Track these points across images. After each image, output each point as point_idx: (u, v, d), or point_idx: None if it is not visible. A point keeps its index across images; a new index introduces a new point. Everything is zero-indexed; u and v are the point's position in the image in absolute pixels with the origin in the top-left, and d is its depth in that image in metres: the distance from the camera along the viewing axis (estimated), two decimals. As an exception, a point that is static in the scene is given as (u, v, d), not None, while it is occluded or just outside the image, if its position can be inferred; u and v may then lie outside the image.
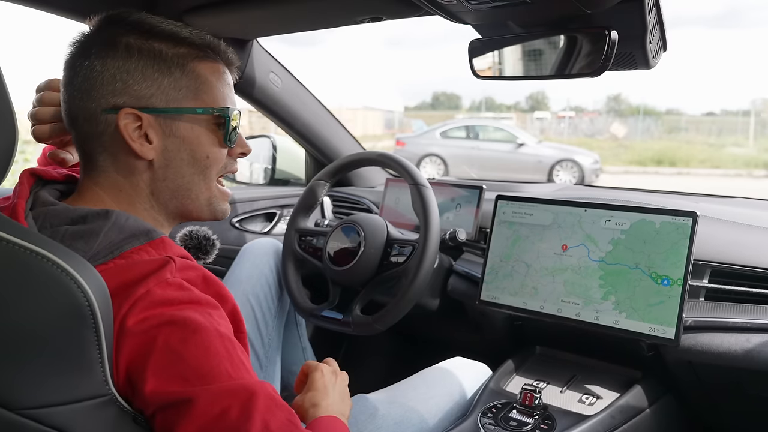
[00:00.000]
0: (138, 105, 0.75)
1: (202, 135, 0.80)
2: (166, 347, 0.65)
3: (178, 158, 0.79)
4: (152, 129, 0.77)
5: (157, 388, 0.64)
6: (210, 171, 0.82)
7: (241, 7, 1.28)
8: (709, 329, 1.09)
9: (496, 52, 1.17)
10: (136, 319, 0.65)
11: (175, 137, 0.78)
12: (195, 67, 0.79)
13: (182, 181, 0.80)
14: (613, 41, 0.95)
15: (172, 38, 0.78)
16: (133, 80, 0.75)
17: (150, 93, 0.76)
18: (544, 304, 1.22)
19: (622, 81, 53.26)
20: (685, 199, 1.54)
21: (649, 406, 1.15)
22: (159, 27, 0.78)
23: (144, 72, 0.75)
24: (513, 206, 1.31)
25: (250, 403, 0.65)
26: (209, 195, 0.83)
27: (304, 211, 1.50)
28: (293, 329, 1.55)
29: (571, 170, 10.51)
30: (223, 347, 0.67)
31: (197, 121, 0.79)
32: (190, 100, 0.78)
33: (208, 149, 0.81)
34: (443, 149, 11.35)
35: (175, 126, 0.78)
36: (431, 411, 1.12)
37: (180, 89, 0.77)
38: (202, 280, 0.74)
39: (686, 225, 1.09)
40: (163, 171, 0.79)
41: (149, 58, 0.76)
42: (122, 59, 0.75)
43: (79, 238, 0.68)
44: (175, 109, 0.77)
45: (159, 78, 0.76)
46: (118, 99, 0.75)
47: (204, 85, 0.79)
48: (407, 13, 1.23)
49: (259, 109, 1.76)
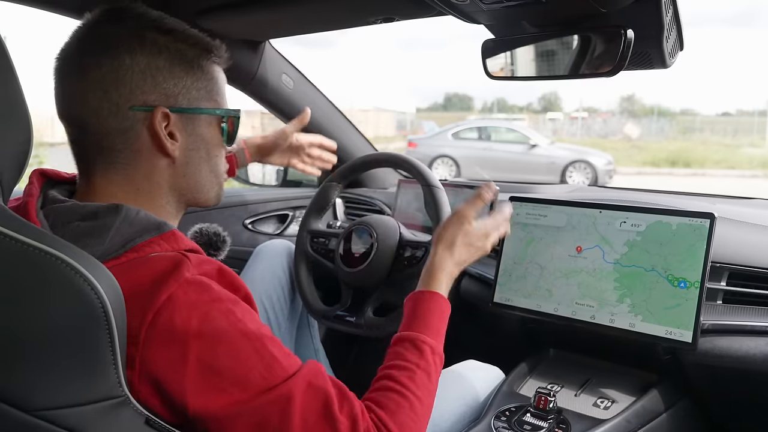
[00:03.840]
0: (167, 104, 0.76)
1: (215, 134, 0.83)
2: (200, 363, 0.66)
3: (197, 156, 0.81)
4: (177, 128, 0.78)
5: (199, 407, 0.67)
6: (218, 168, 0.86)
7: (254, 8, 1.28)
8: (727, 332, 1.07)
9: (510, 52, 1.16)
10: (162, 327, 0.65)
11: (196, 136, 0.80)
12: (210, 68, 0.81)
13: (199, 177, 0.83)
14: (629, 40, 0.94)
15: (189, 38, 0.79)
16: (162, 78, 0.75)
17: (177, 92, 0.77)
18: (558, 306, 1.21)
19: (635, 81, 52.94)
20: (702, 200, 1.52)
21: (666, 410, 1.13)
22: (176, 26, 0.78)
23: (171, 70, 0.76)
24: (527, 207, 1.30)
25: (288, 407, 0.69)
26: (218, 188, 0.87)
27: (316, 213, 1.50)
28: (305, 331, 1.55)
29: (584, 171, 10.44)
30: (251, 348, 0.69)
31: (212, 121, 0.82)
32: (206, 100, 0.81)
33: (218, 148, 0.84)
34: (455, 150, 11.33)
35: (196, 125, 0.80)
36: (444, 414, 1.11)
37: (199, 89, 0.79)
38: (218, 272, 0.74)
39: (704, 226, 1.08)
40: (184, 168, 0.80)
41: (175, 57, 0.76)
42: (151, 55, 0.75)
43: (90, 234, 0.68)
44: (199, 109, 0.80)
45: (184, 77, 0.77)
46: (149, 96, 0.75)
47: (216, 86, 0.82)
48: (420, 14, 1.23)
49: (271, 110, 1.76)
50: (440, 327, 0.94)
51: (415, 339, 0.88)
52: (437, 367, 0.89)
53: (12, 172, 0.64)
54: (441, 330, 0.94)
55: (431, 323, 0.92)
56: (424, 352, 0.87)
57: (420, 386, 0.83)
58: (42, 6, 1.25)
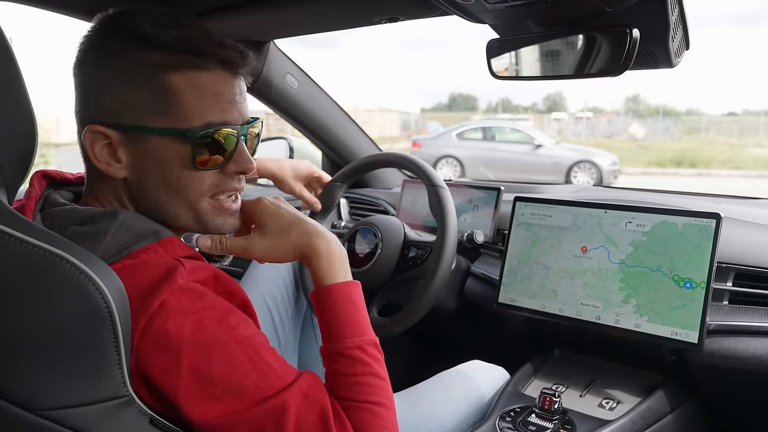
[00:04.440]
0: (107, 121, 0.72)
1: (171, 158, 0.73)
2: (193, 371, 0.66)
3: (150, 179, 0.74)
4: (122, 147, 0.73)
5: (193, 415, 0.67)
6: (186, 192, 0.75)
7: (258, 8, 1.28)
8: (733, 333, 1.07)
9: (514, 52, 1.16)
10: (155, 334, 0.65)
11: (142, 157, 0.73)
12: (166, 80, 0.71)
13: (157, 201, 0.76)
14: (634, 40, 0.93)
15: (141, 43, 0.71)
16: (101, 94, 0.72)
17: (116, 108, 0.72)
18: (563, 306, 1.20)
19: (640, 81, 52.81)
20: (708, 200, 1.51)
21: (672, 411, 1.13)
22: (134, 27, 0.71)
23: (112, 86, 0.72)
24: (532, 208, 1.29)
25: (282, 418, 0.68)
26: (195, 215, 0.78)
27: (320, 213, 1.50)
28: (310, 331, 1.55)
29: (589, 171, 10.42)
30: (245, 356, 0.69)
31: (164, 142, 0.73)
32: (158, 117, 0.72)
33: (178, 173, 0.74)
34: (460, 151, 11.32)
35: (144, 145, 0.73)
36: (449, 414, 1.11)
37: (148, 105, 0.71)
38: (214, 279, 0.73)
39: (710, 227, 1.07)
40: (137, 189, 0.76)
41: (116, 70, 0.71)
42: (96, 71, 0.73)
43: (86, 239, 0.68)
44: (139, 128, 0.72)
45: (124, 92, 0.71)
46: (92, 113, 0.74)
47: (175, 100, 0.71)
48: (425, 14, 1.22)
49: (275, 110, 1.76)
50: (357, 317, 0.81)
51: (339, 350, 0.79)
52: (377, 359, 0.80)
53: (16, 172, 0.64)
54: (360, 319, 0.82)
55: (347, 321, 0.81)
56: (357, 357, 0.78)
57: (371, 392, 0.77)
58: (50, 7, 1.25)
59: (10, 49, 0.63)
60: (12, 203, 0.66)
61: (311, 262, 0.83)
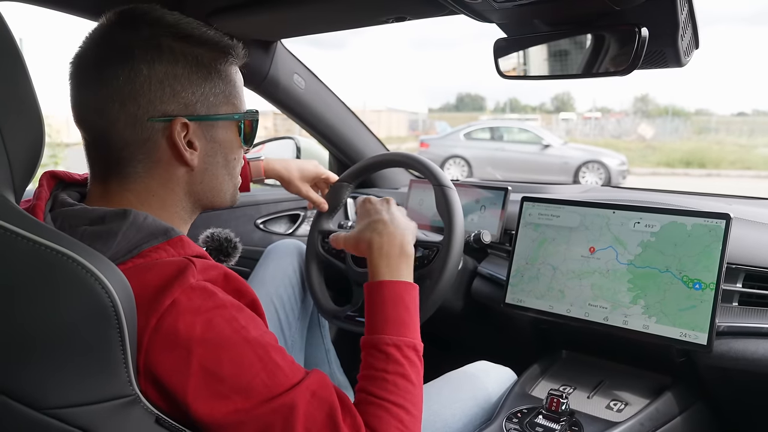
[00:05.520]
0: (186, 113, 0.75)
1: (233, 138, 0.82)
2: (202, 369, 0.66)
3: (214, 162, 0.80)
4: (196, 136, 0.77)
5: (201, 413, 0.67)
6: (236, 171, 0.85)
7: (266, 8, 1.28)
8: (743, 335, 1.06)
9: (522, 51, 1.15)
10: (166, 333, 0.66)
11: (214, 142, 0.79)
12: (226, 71, 0.79)
13: (216, 182, 0.82)
14: (643, 39, 0.93)
15: (206, 41, 0.77)
16: (180, 87, 0.74)
17: (195, 100, 0.76)
18: (570, 307, 1.20)
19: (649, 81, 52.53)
20: (717, 200, 1.50)
21: (680, 413, 1.12)
22: (192, 29, 0.76)
23: (189, 78, 0.75)
24: (539, 208, 1.29)
25: (291, 416, 0.69)
26: (233, 190, 0.86)
27: (327, 213, 1.50)
28: (316, 331, 1.55)
29: (597, 172, 10.37)
30: (254, 355, 0.69)
31: (230, 125, 0.81)
32: (224, 104, 0.79)
33: (235, 152, 0.83)
34: (467, 151, 11.30)
35: (214, 131, 0.79)
36: (455, 415, 1.10)
37: (217, 95, 0.78)
38: (224, 278, 0.74)
39: (719, 227, 1.06)
40: (201, 175, 0.80)
41: (193, 64, 0.75)
42: (169, 64, 0.73)
43: (97, 239, 0.68)
44: (217, 116, 0.78)
45: (202, 84, 0.76)
46: (168, 106, 0.74)
47: (234, 89, 0.81)
48: (432, 13, 1.22)
49: (282, 110, 1.76)
50: (405, 317, 0.87)
51: (377, 343, 0.83)
52: (413, 363, 0.83)
53: (24, 172, 0.64)
54: (407, 320, 0.87)
55: (392, 318, 0.86)
56: (391, 355, 0.82)
57: (396, 392, 0.79)
58: (58, 7, 1.26)
59: (18, 49, 0.63)
60: (19, 203, 0.66)
61: (367, 256, 0.96)
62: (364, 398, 0.79)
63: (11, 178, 0.63)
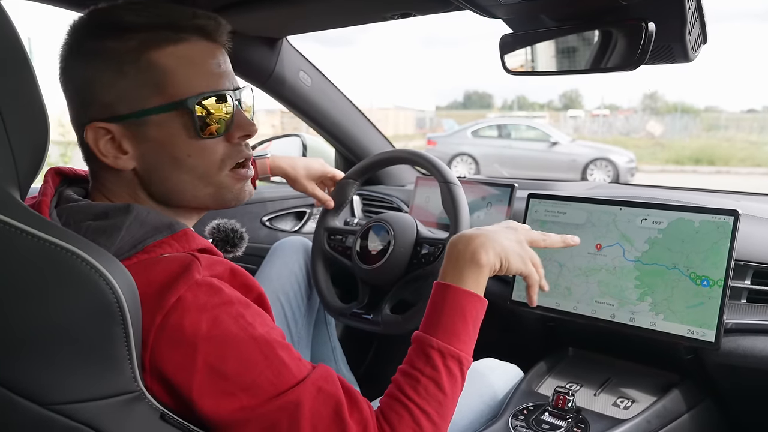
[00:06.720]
0: (104, 116, 0.72)
1: (174, 133, 0.73)
2: (208, 366, 0.66)
3: (159, 163, 0.74)
4: (125, 138, 0.72)
5: (207, 410, 0.67)
6: (199, 168, 0.75)
7: (271, 5, 1.28)
8: (751, 332, 1.05)
9: (528, 47, 1.14)
10: (171, 330, 0.66)
11: (149, 142, 0.73)
12: (151, 58, 0.70)
13: (171, 184, 0.75)
14: (650, 33, 0.92)
15: (119, 30, 0.70)
16: (95, 89, 0.71)
17: (111, 100, 0.71)
18: (577, 304, 1.19)
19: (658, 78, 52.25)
20: (725, 197, 1.49)
21: (687, 411, 1.11)
22: (108, 19, 0.71)
23: (102, 78, 0.70)
24: (545, 205, 1.28)
25: (297, 413, 0.68)
26: (213, 190, 0.78)
27: (333, 210, 1.50)
28: (322, 328, 1.55)
29: (605, 169, 10.32)
30: (260, 353, 0.69)
31: (165, 119, 0.72)
32: (155, 97, 0.71)
33: (187, 147, 0.73)
34: (475, 148, 11.27)
35: (146, 130, 0.72)
36: (461, 412, 1.10)
37: (140, 88, 0.71)
38: (230, 273, 0.74)
39: (727, 224, 1.05)
40: (149, 177, 0.75)
41: (103, 61, 0.70)
42: (84, 67, 0.72)
43: (101, 234, 0.68)
44: (137, 113, 0.71)
45: (115, 81, 0.70)
46: (88, 112, 0.73)
47: (166, 76, 0.71)
48: (437, 9, 1.22)
49: (288, 107, 1.76)
50: (459, 327, 0.81)
51: (423, 342, 0.80)
52: (451, 374, 0.78)
53: (29, 170, 0.65)
54: (460, 330, 0.81)
55: (445, 322, 0.81)
56: (432, 359, 0.78)
57: (425, 397, 0.76)
58: (46, 0, 1.24)
59: (22, 47, 0.63)
60: (24, 200, 0.66)
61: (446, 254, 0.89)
62: (394, 391, 0.77)
63: (16, 175, 0.63)
